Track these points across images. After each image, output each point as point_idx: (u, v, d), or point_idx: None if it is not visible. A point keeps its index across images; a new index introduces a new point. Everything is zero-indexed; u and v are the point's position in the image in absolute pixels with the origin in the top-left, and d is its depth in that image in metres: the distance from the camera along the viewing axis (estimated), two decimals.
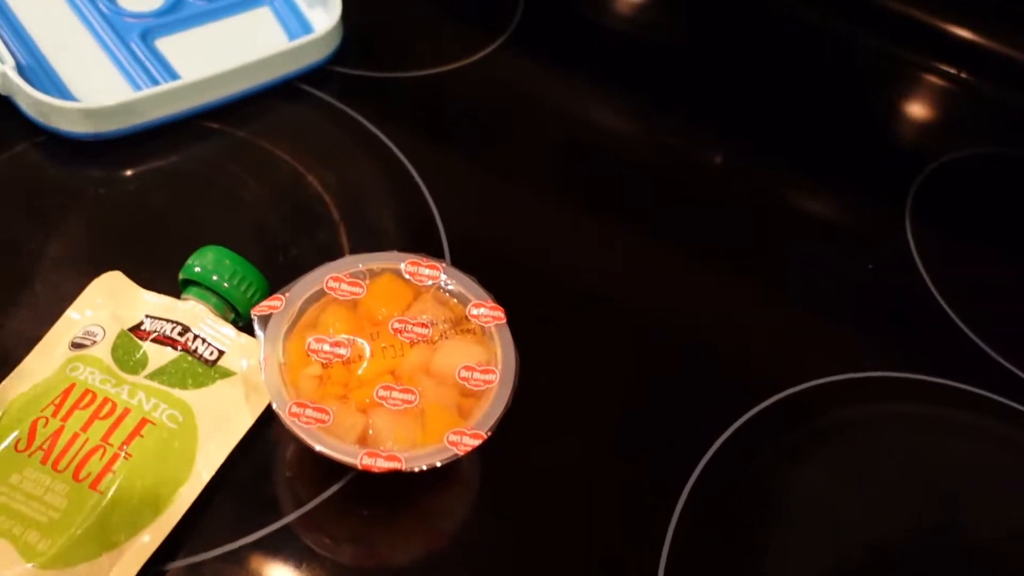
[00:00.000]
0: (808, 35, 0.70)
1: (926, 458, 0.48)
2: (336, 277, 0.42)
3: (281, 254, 0.50)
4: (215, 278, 0.44)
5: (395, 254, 0.44)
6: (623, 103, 0.63)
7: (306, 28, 0.60)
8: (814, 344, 0.52)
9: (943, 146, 0.64)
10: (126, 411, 0.39)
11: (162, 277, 0.46)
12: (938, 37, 0.69)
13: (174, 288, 0.45)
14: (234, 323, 0.44)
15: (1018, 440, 0.50)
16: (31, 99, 0.50)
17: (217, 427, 0.41)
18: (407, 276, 0.43)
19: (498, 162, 0.58)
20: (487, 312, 0.42)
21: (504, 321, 0.42)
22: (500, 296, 0.43)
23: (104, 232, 0.49)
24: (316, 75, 0.58)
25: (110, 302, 0.44)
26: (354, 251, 0.50)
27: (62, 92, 0.53)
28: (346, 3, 0.59)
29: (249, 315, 0.44)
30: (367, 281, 0.43)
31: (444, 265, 0.43)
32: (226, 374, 0.42)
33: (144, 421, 0.39)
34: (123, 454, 0.38)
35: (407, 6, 0.65)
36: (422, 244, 0.52)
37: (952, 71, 0.69)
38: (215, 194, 0.52)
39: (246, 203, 0.52)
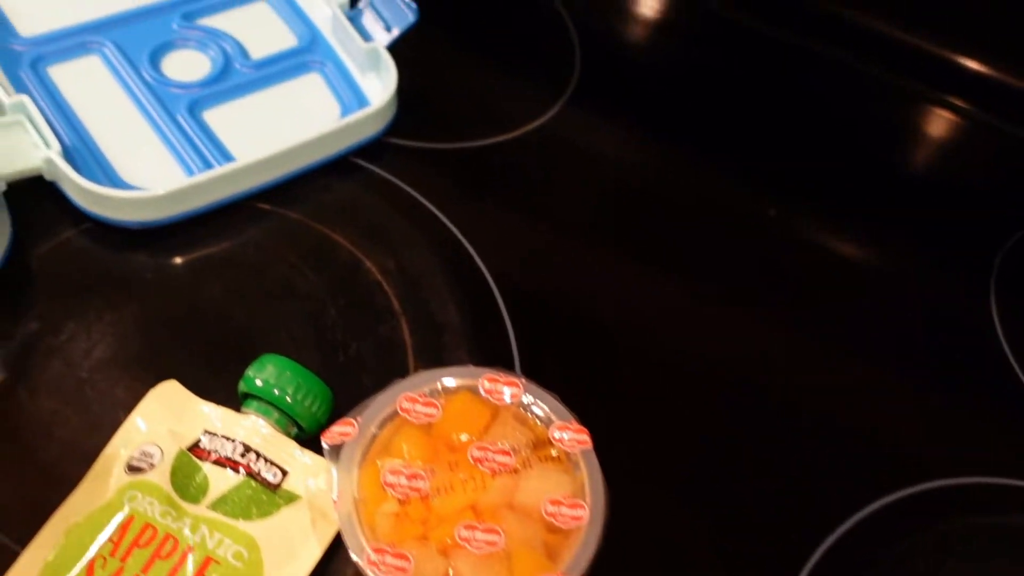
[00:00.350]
0: (889, 92, 0.67)
1: None
2: (410, 397, 0.39)
3: (341, 352, 0.47)
4: (276, 392, 0.41)
5: (471, 368, 0.41)
6: (687, 159, 0.61)
7: (358, 94, 0.57)
8: (943, 436, 0.49)
9: None
10: (188, 549, 0.37)
11: (217, 377, 0.44)
12: None
13: (229, 389, 0.43)
14: (297, 438, 0.42)
15: None
16: (77, 186, 0.47)
17: (284, 561, 0.38)
18: (484, 394, 0.40)
19: (562, 235, 0.55)
20: (572, 436, 0.39)
21: (590, 446, 0.39)
22: (574, 393, 0.41)
23: (155, 328, 0.47)
24: (370, 148, 0.56)
25: (167, 416, 0.41)
26: (417, 347, 0.48)
27: (108, 174, 0.50)
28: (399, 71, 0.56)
29: (312, 428, 0.42)
30: (442, 400, 0.40)
31: (523, 381, 0.41)
32: (291, 498, 0.40)
33: (208, 560, 0.37)
34: None
35: (461, 73, 0.62)
36: (486, 335, 0.49)
37: None
38: (270, 284, 0.49)
39: (302, 294, 0.49)
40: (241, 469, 0.40)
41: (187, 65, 0.56)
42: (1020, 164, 0.66)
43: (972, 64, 0.66)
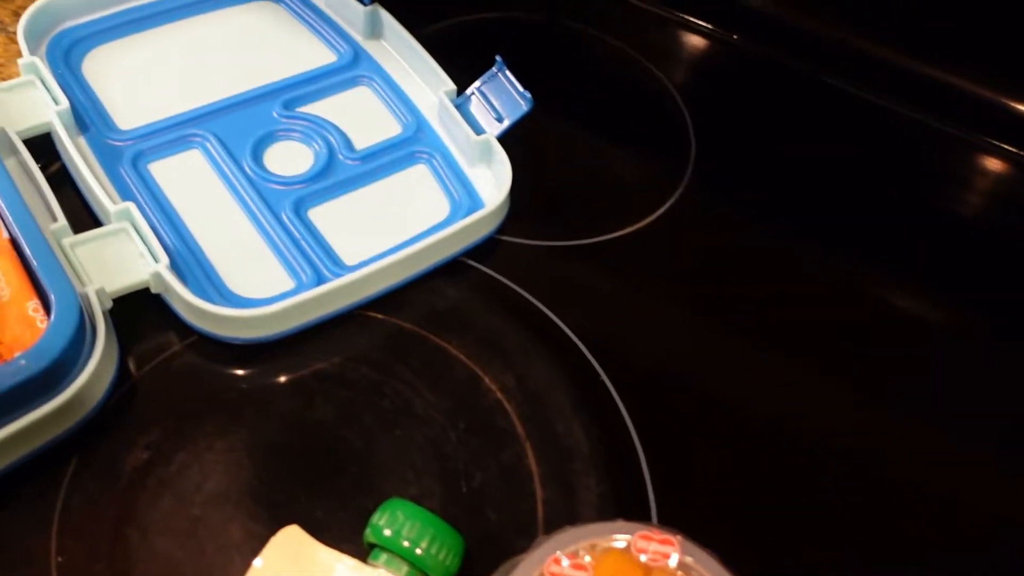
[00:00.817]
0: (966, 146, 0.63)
1: None
2: (558, 560, 0.36)
3: (463, 482, 0.44)
4: (407, 544, 0.38)
5: (620, 524, 0.37)
6: (813, 240, 0.57)
7: (468, 188, 0.54)
8: None
9: None
10: None
11: (336, 513, 0.42)
12: None
13: (348, 527, 0.40)
14: None
15: None
16: (186, 303, 0.45)
17: None
18: (636, 553, 0.37)
19: (689, 337, 0.51)
20: None
21: None
22: (721, 525, 0.38)
23: (268, 457, 0.44)
24: (479, 247, 0.53)
25: (291, 568, 0.38)
26: (544, 476, 0.45)
27: (216, 284, 0.48)
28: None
29: None
30: (590, 560, 0.36)
31: (679, 539, 0.37)
32: None
33: None
34: None
35: (572, 164, 0.59)
36: (615, 459, 0.45)
37: None
38: (386, 405, 0.46)
39: (419, 416, 0.46)
40: None
41: (289, 158, 0.54)
42: None
43: None
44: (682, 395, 0.49)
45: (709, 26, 0.67)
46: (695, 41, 0.68)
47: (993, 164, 0.63)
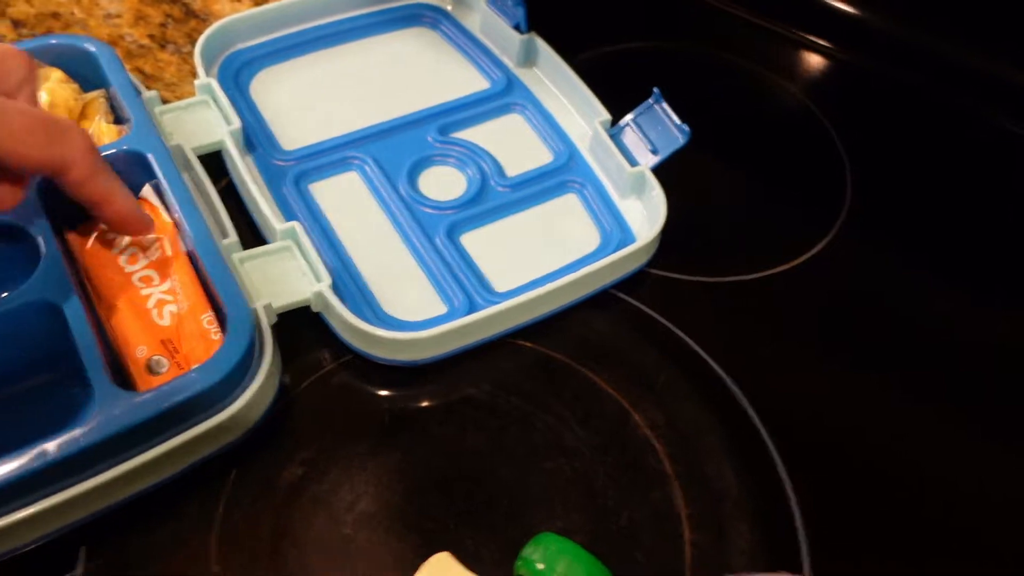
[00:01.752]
0: None
1: None
2: None
3: (612, 520, 0.43)
4: None
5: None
6: (968, 290, 0.55)
7: (619, 220, 0.54)
8: None
9: None
10: None
11: (486, 545, 0.41)
12: None
13: (498, 558, 0.40)
14: None
15: None
16: (345, 322, 0.46)
17: None
18: None
19: (843, 381, 0.50)
20: None
21: None
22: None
23: (418, 481, 0.44)
24: (630, 280, 0.52)
25: None
26: (694, 519, 0.44)
27: (372, 306, 0.48)
28: None
29: None
30: None
31: None
32: None
33: None
34: None
35: (725, 199, 0.58)
36: (766, 503, 0.44)
37: None
38: (536, 436, 0.46)
39: (569, 449, 0.45)
40: None
41: (442, 183, 0.55)
42: None
43: None
44: (836, 443, 0.47)
45: (869, 64, 0.66)
46: (852, 73, 0.66)
47: None
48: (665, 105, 0.53)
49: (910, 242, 0.57)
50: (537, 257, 0.51)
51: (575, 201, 0.55)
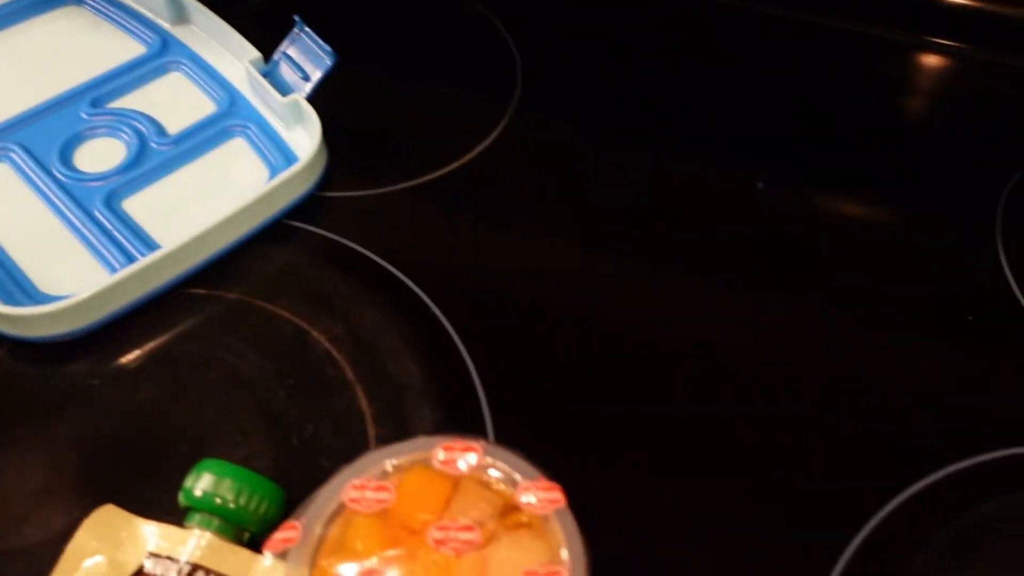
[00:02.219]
0: (865, 42, 0.63)
1: None
2: (358, 485, 0.35)
3: (295, 436, 0.43)
4: (218, 501, 0.37)
5: (423, 440, 0.37)
6: (650, 147, 0.56)
7: (285, 153, 0.53)
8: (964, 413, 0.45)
9: None
10: None
11: (162, 490, 0.40)
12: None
13: (175, 499, 0.39)
14: (251, 543, 0.38)
15: None
16: None
17: None
18: (441, 466, 0.36)
19: (524, 262, 0.51)
20: (541, 496, 0.35)
21: (563, 504, 0.35)
22: (554, 436, 0.39)
23: (91, 446, 0.43)
24: (304, 206, 0.52)
25: (106, 545, 0.38)
26: (377, 415, 0.44)
27: (26, 289, 0.47)
28: (324, 117, 0.52)
29: (265, 531, 0.38)
30: (395, 480, 0.36)
31: (483, 444, 0.36)
32: None
33: None
34: None
35: (391, 109, 0.58)
36: (451, 389, 0.45)
37: None
38: (212, 376, 0.45)
39: (248, 380, 0.45)
40: None
41: (101, 154, 0.53)
42: (1015, 94, 0.61)
43: None
44: (516, 320, 0.48)
45: None
46: None
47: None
48: (308, 31, 0.53)
49: (584, 113, 0.58)
50: (209, 206, 0.50)
51: (242, 144, 0.54)
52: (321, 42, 0.53)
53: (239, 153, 0.54)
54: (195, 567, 0.36)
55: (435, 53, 0.62)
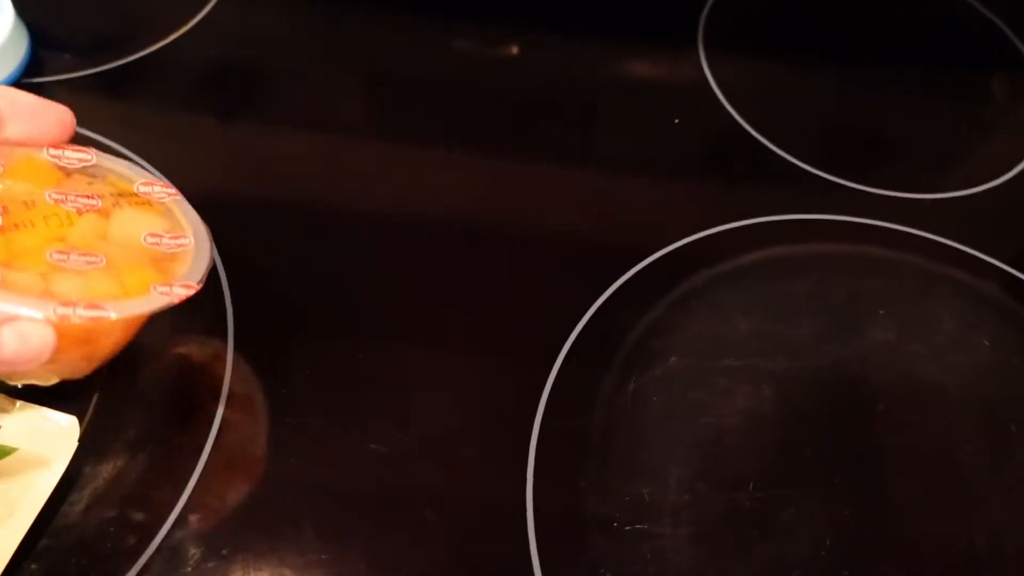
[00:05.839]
0: None
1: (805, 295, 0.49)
2: None
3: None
4: None
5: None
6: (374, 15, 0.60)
7: None
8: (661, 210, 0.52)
9: None
10: None
11: None
12: None
13: None
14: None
15: (872, 254, 0.51)
16: None
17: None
18: (50, 159, 0.37)
19: (251, 135, 0.54)
20: (160, 189, 0.39)
21: (180, 196, 0.39)
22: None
23: None
24: None
25: None
26: None
27: None
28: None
29: None
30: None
31: (96, 151, 0.39)
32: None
33: None
34: None
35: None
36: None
37: None
38: None
39: None
40: None
41: None
42: None
43: None
44: (252, 205, 0.51)
45: None
46: None
47: None
48: None
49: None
50: None
51: None
52: None
53: None
54: None
55: None
